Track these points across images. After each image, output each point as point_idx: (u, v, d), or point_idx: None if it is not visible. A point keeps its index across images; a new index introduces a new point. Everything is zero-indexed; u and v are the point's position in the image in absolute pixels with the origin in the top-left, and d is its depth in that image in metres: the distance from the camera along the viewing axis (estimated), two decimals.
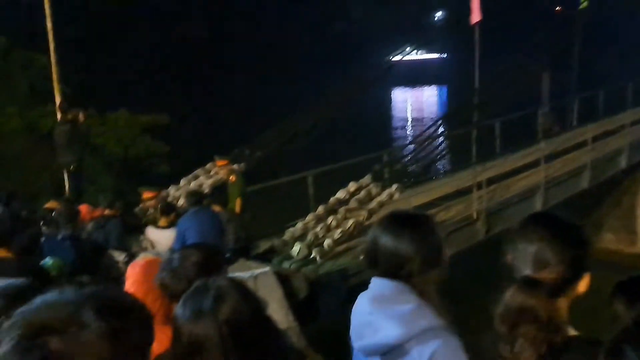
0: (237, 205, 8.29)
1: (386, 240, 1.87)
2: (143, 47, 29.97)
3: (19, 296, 2.78)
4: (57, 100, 9.47)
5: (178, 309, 1.72)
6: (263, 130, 11.17)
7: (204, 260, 2.29)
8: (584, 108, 16.29)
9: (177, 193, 9.80)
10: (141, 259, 3.23)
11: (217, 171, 9.91)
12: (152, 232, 6.88)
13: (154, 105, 16.41)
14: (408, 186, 9.32)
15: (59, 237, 4.96)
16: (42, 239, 4.64)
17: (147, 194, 8.09)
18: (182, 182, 10.21)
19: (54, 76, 9.63)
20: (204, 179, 10.08)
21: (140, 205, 8.33)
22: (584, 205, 12.92)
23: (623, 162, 13.24)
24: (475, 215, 10.00)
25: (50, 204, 6.57)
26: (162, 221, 6.92)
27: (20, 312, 1.01)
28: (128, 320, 1.04)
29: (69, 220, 5.32)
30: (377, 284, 1.89)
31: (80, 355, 0.96)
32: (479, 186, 10.34)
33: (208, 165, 10.44)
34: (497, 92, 12.17)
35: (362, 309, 1.88)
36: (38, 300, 1.04)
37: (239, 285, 1.76)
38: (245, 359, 1.62)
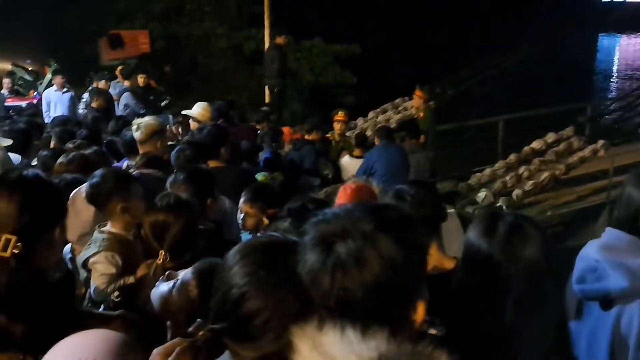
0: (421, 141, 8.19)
1: (629, 190, 1.90)
2: None
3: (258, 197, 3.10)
4: (267, 23, 9.91)
5: None
6: (457, 68, 10.78)
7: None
8: None
9: (365, 125, 9.99)
10: (352, 182, 3.37)
11: (407, 105, 9.88)
12: (345, 160, 7.12)
13: (345, 35, 16.56)
14: (615, 144, 8.46)
15: (263, 155, 5.35)
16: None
17: (338, 117, 8.30)
18: (370, 114, 10.36)
19: (266, 1, 10.03)
20: (392, 114, 10.12)
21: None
22: None
23: None
24: None
25: (261, 124, 7.04)
26: (357, 151, 7.11)
27: (315, 222, 1.12)
28: (407, 231, 1.11)
29: (273, 139, 5.68)
30: (610, 234, 1.90)
31: (371, 257, 1.03)
32: None
33: (397, 101, 10.44)
34: None
35: (589, 254, 1.89)
36: (329, 211, 1.14)
37: None
38: None
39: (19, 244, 1.47)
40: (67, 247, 2.85)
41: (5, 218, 1.52)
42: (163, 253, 2.20)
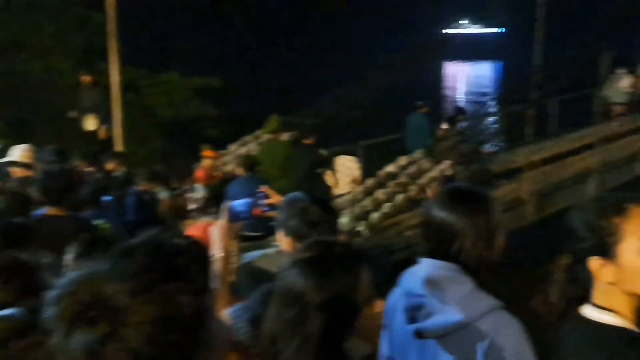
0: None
1: (439, 213, 1.81)
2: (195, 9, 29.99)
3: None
4: (114, 57, 9.47)
5: None
6: (314, 99, 11.06)
7: None
8: None
9: (227, 158, 9.86)
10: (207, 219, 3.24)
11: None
12: None
13: (205, 68, 16.42)
14: (459, 163, 9.09)
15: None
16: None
17: (207, 153, 8.08)
18: (231, 147, 10.25)
19: (111, 33, 9.61)
20: (252, 146, 10.09)
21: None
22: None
23: None
24: (526, 197, 9.72)
25: (109, 165, 6.62)
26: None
27: (57, 295, 0.90)
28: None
29: (126, 182, 5.36)
30: (429, 265, 1.81)
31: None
32: (532, 166, 10.02)
33: (258, 132, 10.44)
34: (558, 71, 11.66)
35: (412, 290, 1.80)
36: (79, 275, 0.92)
37: None
38: None
39: None
40: None
41: None
42: None
